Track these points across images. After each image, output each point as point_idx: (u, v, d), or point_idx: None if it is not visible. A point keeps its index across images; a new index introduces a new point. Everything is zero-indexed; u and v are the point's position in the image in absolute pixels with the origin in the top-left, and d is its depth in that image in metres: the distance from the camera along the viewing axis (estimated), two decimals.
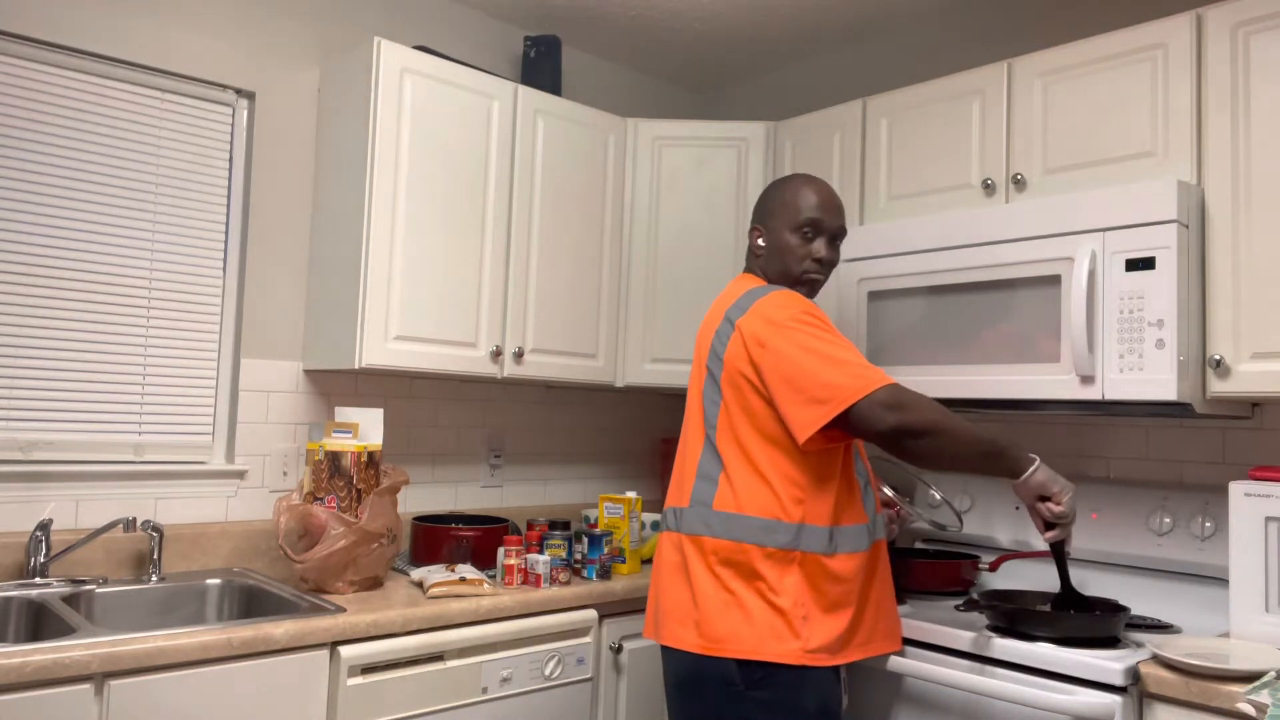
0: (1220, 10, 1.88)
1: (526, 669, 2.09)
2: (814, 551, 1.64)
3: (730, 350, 1.72)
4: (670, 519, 1.79)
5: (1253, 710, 1.45)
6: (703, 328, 1.85)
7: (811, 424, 1.60)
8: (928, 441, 1.58)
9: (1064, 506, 1.67)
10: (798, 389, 1.62)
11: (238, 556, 2.30)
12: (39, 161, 2.10)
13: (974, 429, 1.62)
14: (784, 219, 1.83)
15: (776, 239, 1.84)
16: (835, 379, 1.59)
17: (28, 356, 2.08)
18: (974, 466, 1.64)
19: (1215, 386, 1.84)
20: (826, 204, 1.83)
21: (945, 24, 2.79)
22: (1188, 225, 1.84)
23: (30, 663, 1.47)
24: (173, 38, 2.26)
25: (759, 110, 3.32)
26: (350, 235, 2.28)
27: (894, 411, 1.57)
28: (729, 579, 1.65)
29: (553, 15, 2.88)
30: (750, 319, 1.71)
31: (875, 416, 1.57)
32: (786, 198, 1.84)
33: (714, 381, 1.74)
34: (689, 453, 1.79)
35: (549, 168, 2.58)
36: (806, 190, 1.83)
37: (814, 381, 1.60)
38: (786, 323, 1.66)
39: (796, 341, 1.64)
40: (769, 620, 1.62)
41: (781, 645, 1.61)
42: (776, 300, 1.71)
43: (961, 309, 2.13)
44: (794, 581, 1.63)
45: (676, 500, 1.79)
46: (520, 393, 2.92)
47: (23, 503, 2.04)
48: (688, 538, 1.72)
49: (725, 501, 1.68)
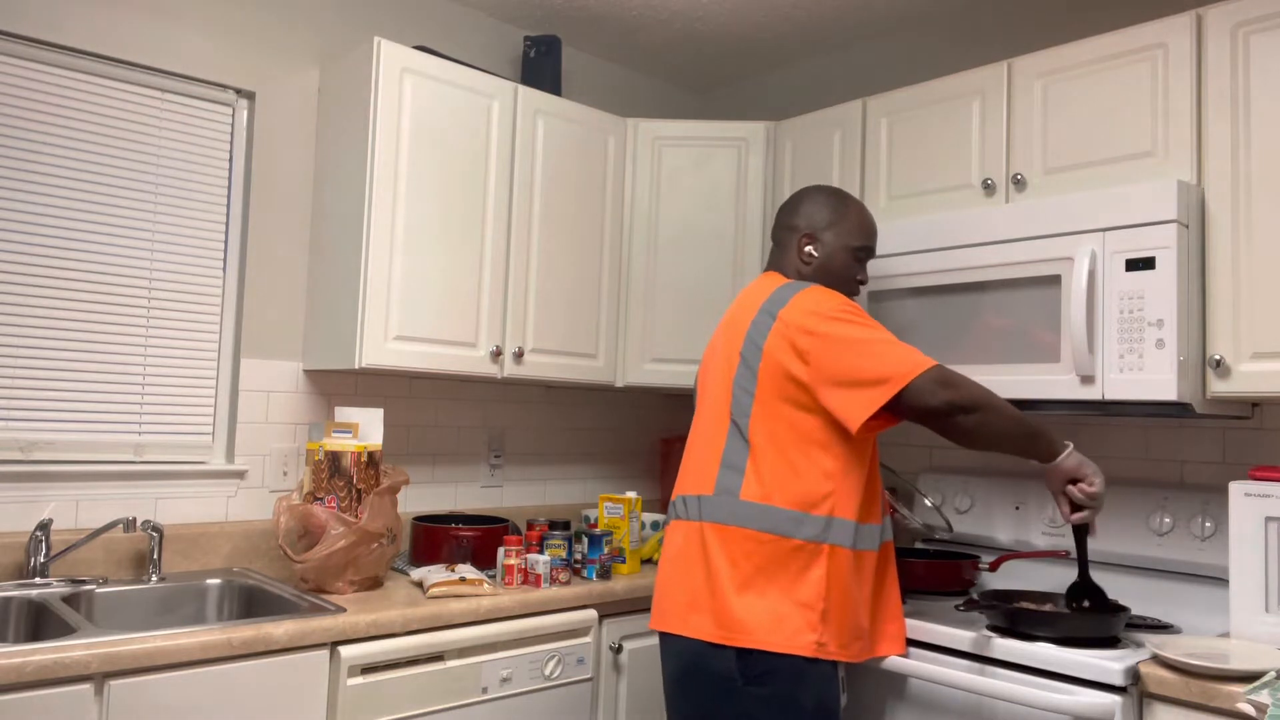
0: (1220, 10, 1.88)
1: (526, 669, 2.09)
2: (841, 545, 1.66)
3: (771, 341, 1.73)
4: (685, 507, 1.78)
5: (1253, 710, 1.45)
6: (730, 320, 1.85)
7: (867, 407, 1.63)
8: (978, 417, 1.64)
9: (1096, 487, 1.73)
10: (850, 375, 1.65)
11: (238, 556, 2.30)
12: (39, 161, 2.10)
13: (1016, 410, 1.69)
14: (844, 238, 1.90)
15: (832, 256, 1.89)
16: (887, 362, 1.64)
17: (28, 356, 2.08)
18: (1016, 445, 1.69)
19: (1215, 386, 1.84)
20: (875, 230, 1.97)
21: (945, 24, 2.79)
22: (1188, 225, 1.84)
23: (30, 663, 1.47)
24: (173, 38, 2.26)
25: (759, 110, 3.32)
26: (350, 235, 2.28)
27: (946, 388, 1.63)
28: (753, 569, 1.65)
29: (553, 15, 2.88)
30: (793, 311, 1.73)
31: (930, 393, 1.62)
32: (850, 217, 1.92)
33: (749, 371, 1.74)
34: (711, 441, 1.78)
35: (549, 168, 2.58)
36: (866, 215, 1.95)
37: (867, 366, 1.64)
38: (834, 313, 1.70)
39: (845, 331, 1.68)
40: (789, 611, 1.63)
41: (798, 638, 1.62)
42: (818, 294, 1.76)
43: (961, 309, 2.13)
44: (819, 575, 1.64)
45: (696, 488, 1.77)
46: (520, 393, 2.92)
47: (23, 503, 2.04)
48: (711, 526, 1.71)
49: (752, 491, 1.69)
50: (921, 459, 2.71)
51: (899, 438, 2.76)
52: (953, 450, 2.63)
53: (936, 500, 2.53)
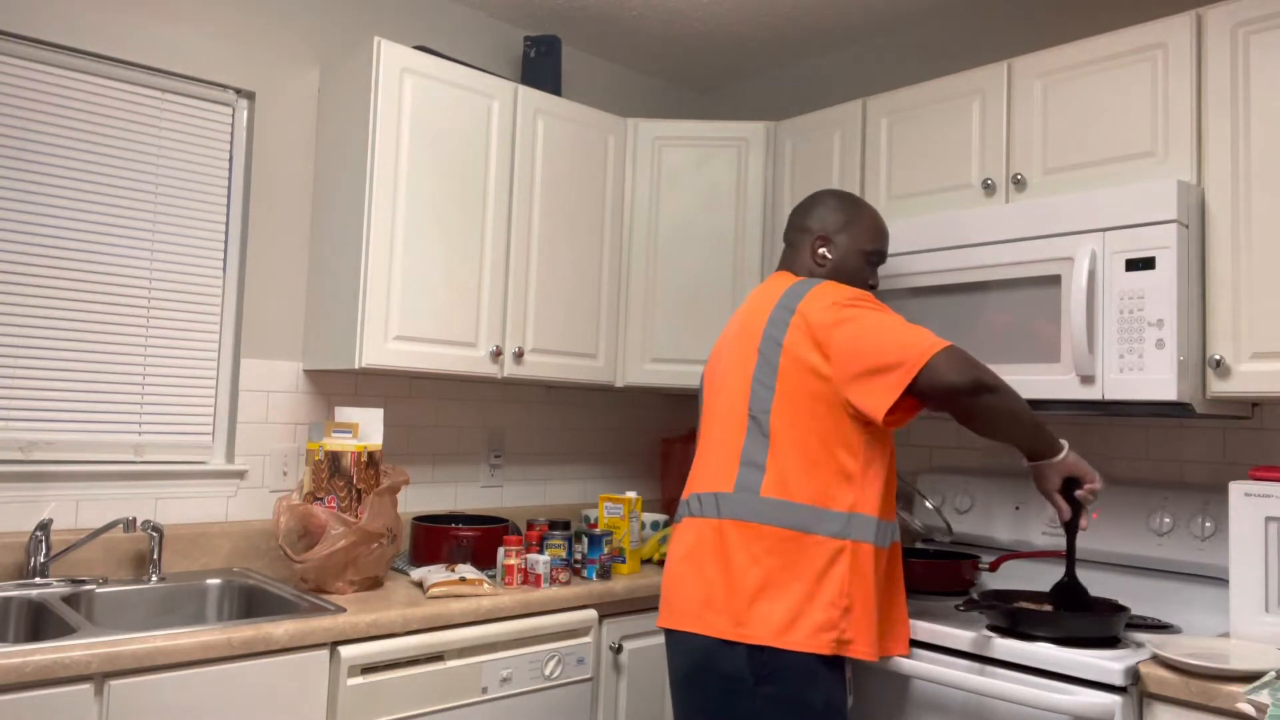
0: (1220, 10, 1.88)
1: (526, 669, 2.09)
2: (865, 540, 1.66)
3: (790, 336, 1.73)
4: (701, 505, 1.76)
5: (1253, 710, 1.45)
6: (744, 318, 1.85)
7: (890, 393, 1.63)
8: (997, 398, 1.65)
9: (1099, 484, 1.76)
10: (871, 361, 1.65)
11: (238, 556, 2.30)
12: (39, 161, 2.10)
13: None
14: (860, 241, 1.92)
15: (846, 258, 1.91)
16: (905, 344, 1.65)
17: (28, 356, 2.08)
18: (1025, 432, 1.71)
19: (1215, 386, 1.84)
20: (887, 234, 2.00)
21: (945, 24, 2.79)
22: (1188, 225, 1.84)
23: (30, 663, 1.47)
24: (173, 38, 2.27)
25: (759, 110, 3.32)
26: (350, 235, 2.28)
27: (967, 365, 1.63)
28: (773, 565, 1.65)
29: (553, 15, 2.88)
30: (811, 304, 1.74)
31: (953, 369, 1.62)
32: (864, 221, 1.93)
33: (769, 366, 1.74)
34: (729, 439, 1.77)
35: (549, 168, 2.58)
36: (879, 219, 1.97)
37: (886, 351, 1.65)
38: (848, 301, 1.72)
39: (860, 317, 1.70)
40: (810, 609, 1.62)
41: (817, 636, 1.61)
42: (833, 287, 1.77)
43: (961, 309, 2.13)
44: (843, 571, 1.64)
45: (714, 485, 1.76)
46: (520, 393, 2.92)
47: (23, 503, 2.04)
48: (732, 522, 1.70)
49: (773, 487, 1.68)
50: (921, 459, 2.71)
51: (899, 438, 2.76)
52: (953, 450, 2.63)
53: (936, 501, 2.53)
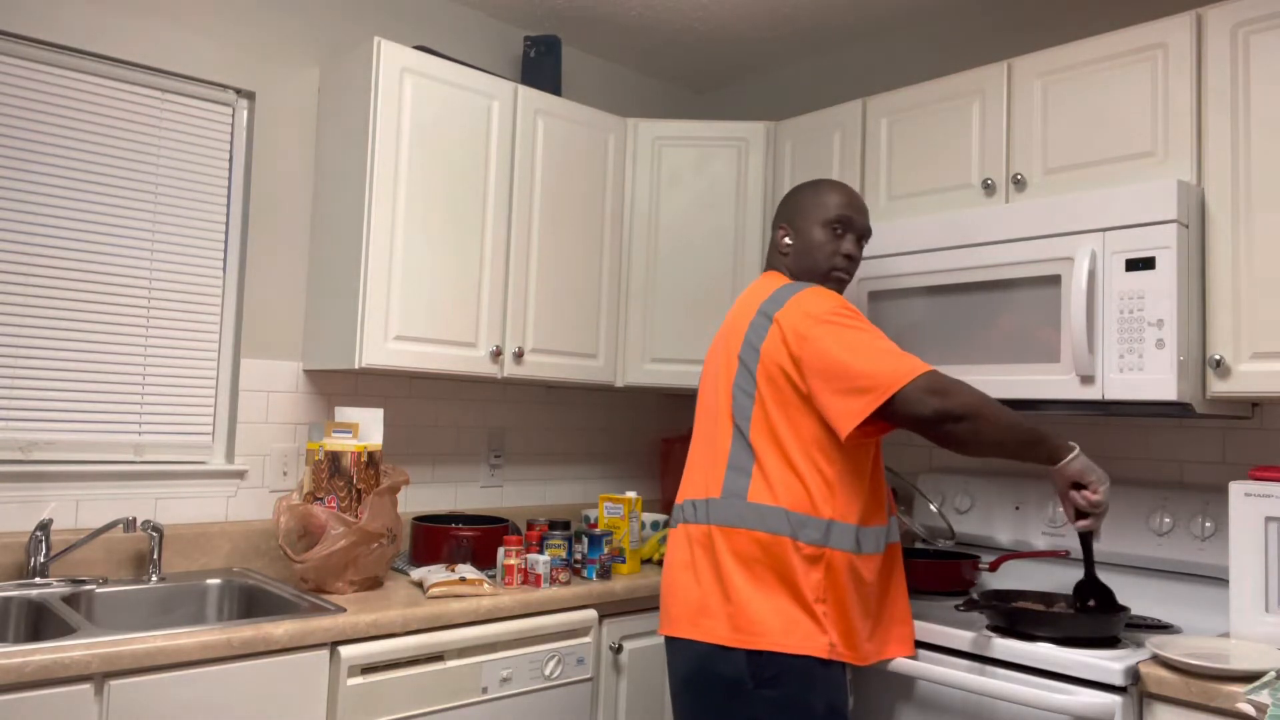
0: (1220, 10, 1.88)
1: (526, 669, 2.09)
2: (842, 549, 1.65)
3: (768, 344, 1.72)
4: (694, 511, 1.77)
5: (1253, 710, 1.45)
6: (730, 321, 1.85)
7: (856, 415, 1.61)
8: (968, 426, 1.60)
9: (1100, 495, 1.69)
10: (840, 381, 1.63)
11: (238, 556, 2.30)
12: (39, 161, 2.10)
13: (1013, 415, 1.65)
14: (814, 216, 1.88)
15: (806, 236, 1.88)
16: (877, 368, 1.61)
17: (28, 356, 2.08)
18: (1013, 452, 1.66)
19: (1215, 386, 1.84)
20: (855, 203, 1.90)
21: (945, 24, 2.79)
22: (1188, 225, 1.84)
23: (30, 663, 1.47)
24: (173, 38, 2.26)
25: (759, 110, 3.32)
26: (350, 235, 2.28)
27: (936, 396, 1.59)
28: (762, 571, 1.65)
29: (553, 15, 2.88)
30: (789, 313, 1.72)
31: (918, 401, 1.59)
32: (817, 197, 1.89)
33: (748, 373, 1.74)
34: (716, 444, 1.77)
35: (549, 168, 2.58)
36: (836, 190, 1.90)
37: (856, 372, 1.62)
38: (826, 317, 1.68)
39: (836, 335, 1.66)
40: (797, 614, 1.63)
41: (812, 639, 1.62)
42: (813, 296, 1.73)
43: (962, 309, 2.13)
44: (818, 578, 1.64)
45: (702, 491, 1.77)
46: (520, 393, 2.92)
47: (23, 503, 2.04)
48: (719, 529, 1.70)
49: (759, 493, 1.68)
50: (921, 459, 2.71)
51: (899, 438, 2.76)
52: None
53: (937, 501, 2.53)
